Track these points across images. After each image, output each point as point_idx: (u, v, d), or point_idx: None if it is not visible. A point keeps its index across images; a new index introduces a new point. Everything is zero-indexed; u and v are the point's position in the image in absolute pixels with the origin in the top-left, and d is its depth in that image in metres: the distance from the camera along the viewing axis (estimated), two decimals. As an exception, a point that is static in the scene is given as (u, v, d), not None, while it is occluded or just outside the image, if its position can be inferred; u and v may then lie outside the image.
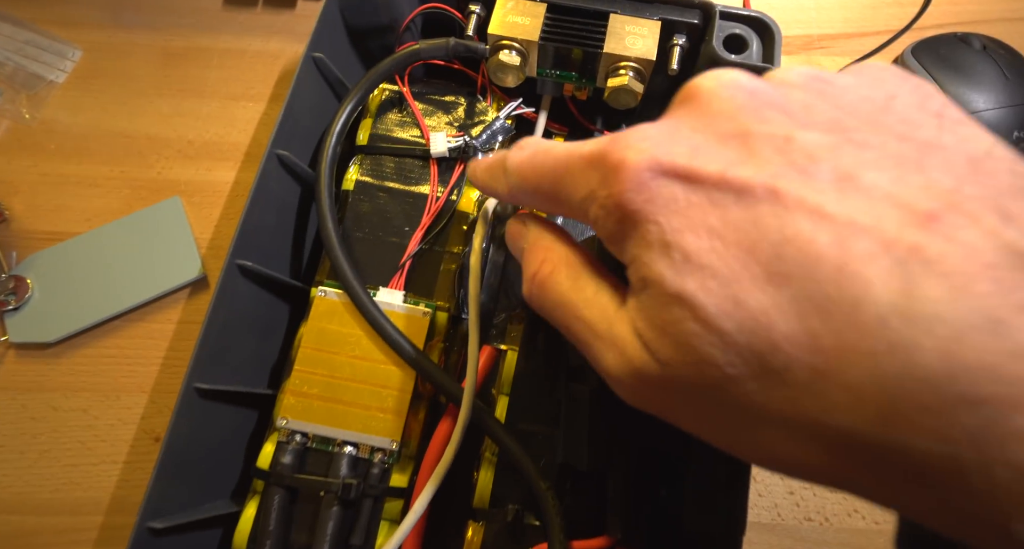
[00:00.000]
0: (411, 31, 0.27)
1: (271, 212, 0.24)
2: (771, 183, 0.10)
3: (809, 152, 0.10)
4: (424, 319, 0.22)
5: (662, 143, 0.11)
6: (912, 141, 0.10)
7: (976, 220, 0.09)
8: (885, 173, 0.10)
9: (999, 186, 0.10)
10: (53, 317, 0.28)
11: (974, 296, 0.08)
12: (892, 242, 0.09)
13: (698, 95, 0.12)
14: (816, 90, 0.12)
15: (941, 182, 0.10)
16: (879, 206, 0.10)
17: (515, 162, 0.15)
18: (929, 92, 0.12)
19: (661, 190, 0.11)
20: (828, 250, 0.09)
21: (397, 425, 0.21)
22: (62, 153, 0.31)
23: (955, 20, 0.33)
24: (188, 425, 0.20)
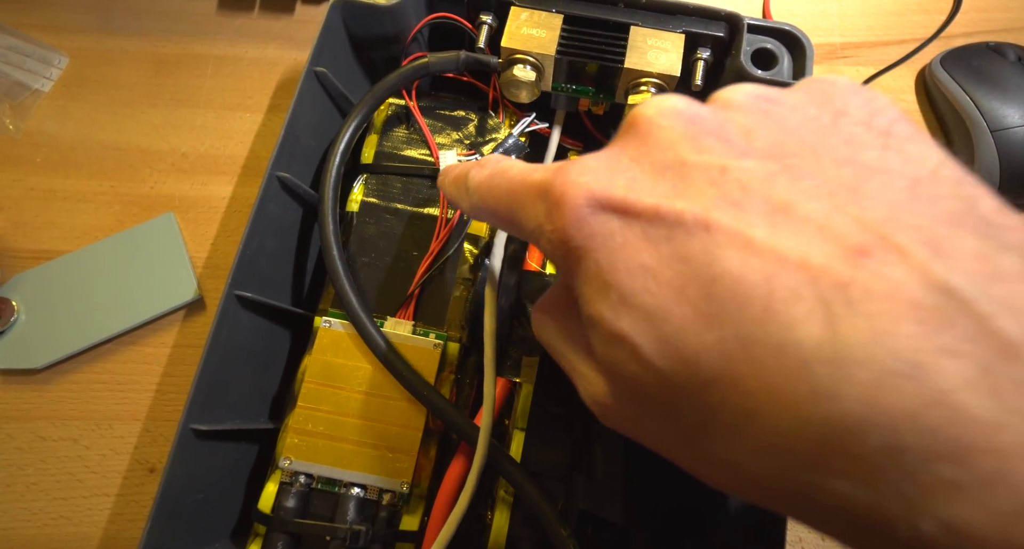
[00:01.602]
0: (418, 42, 0.26)
1: (271, 236, 0.22)
2: (703, 216, 0.10)
3: (743, 183, 0.10)
4: (435, 351, 0.21)
5: (601, 176, 0.11)
6: (853, 165, 0.10)
7: (905, 255, 0.09)
8: (820, 203, 0.10)
9: (936, 213, 0.09)
10: (40, 341, 0.26)
11: (896, 338, 0.08)
12: (818, 279, 0.09)
13: (638, 124, 0.12)
14: (760, 111, 0.11)
15: (875, 212, 0.09)
16: (810, 239, 0.09)
17: (475, 182, 0.15)
18: (879, 107, 0.11)
19: (599, 226, 0.11)
20: (755, 289, 0.09)
21: (407, 465, 0.20)
22: (49, 166, 0.30)
23: (984, 28, 0.31)
24: (186, 466, 0.19)
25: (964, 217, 0.09)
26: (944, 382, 0.08)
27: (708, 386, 0.10)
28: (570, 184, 0.11)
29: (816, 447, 0.09)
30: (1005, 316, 0.08)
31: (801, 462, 0.09)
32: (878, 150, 0.10)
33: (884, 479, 0.08)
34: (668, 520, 0.18)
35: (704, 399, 0.10)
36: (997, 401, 0.08)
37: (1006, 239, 0.09)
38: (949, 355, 0.08)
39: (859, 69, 0.31)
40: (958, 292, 0.08)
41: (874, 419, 0.08)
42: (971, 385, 0.08)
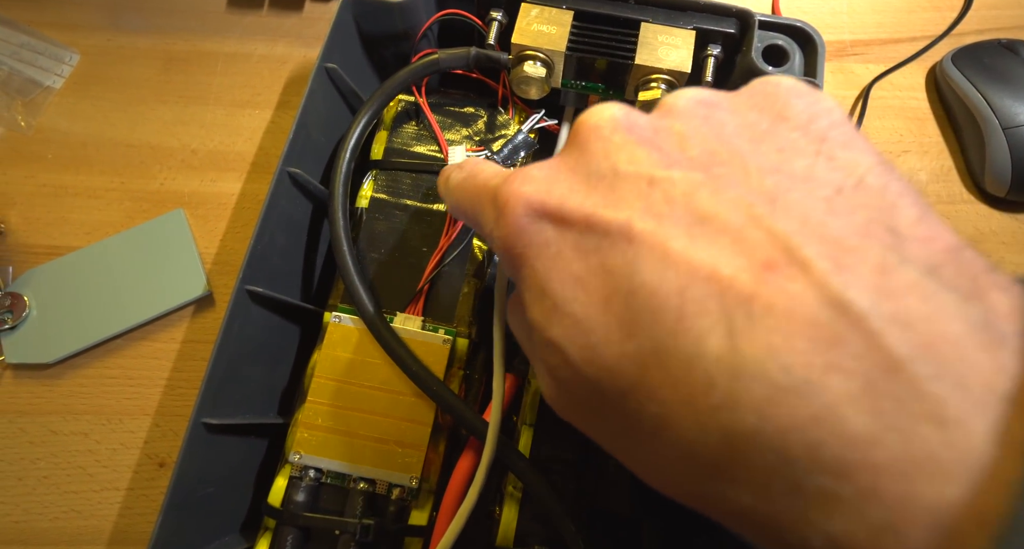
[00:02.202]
0: (428, 39, 0.26)
1: (282, 231, 0.22)
2: (627, 227, 0.10)
3: (668, 194, 0.10)
4: (444, 347, 0.21)
5: (541, 186, 0.12)
6: (780, 174, 0.10)
7: (808, 269, 0.09)
8: (738, 215, 0.10)
9: (849, 225, 0.09)
10: (52, 336, 0.27)
11: (789, 354, 0.08)
12: (725, 292, 0.09)
13: (579, 133, 0.12)
14: (700, 117, 0.12)
15: (787, 225, 0.10)
16: (723, 252, 0.10)
17: (453, 182, 0.15)
18: (819, 111, 0.11)
19: (537, 234, 0.11)
20: (669, 300, 0.10)
21: (416, 460, 0.20)
22: (60, 163, 0.30)
23: (996, 26, 0.31)
24: (196, 460, 0.19)
25: (876, 228, 0.09)
26: (829, 398, 0.08)
27: (628, 394, 0.10)
28: (512, 193, 0.12)
29: (718, 457, 0.09)
30: (893, 332, 0.08)
31: (707, 470, 0.09)
32: (810, 157, 0.11)
33: (775, 490, 0.09)
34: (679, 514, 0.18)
35: (625, 405, 0.10)
36: (876, 418, 0.08)
37: (910, 251, 0.09)
38: (836, 371, 0.08)
39: (869, 67, 0.31)
40: (852, 308, 0.08)
41: (766, 432, 0.08)
42: (854, 401, 0.08)
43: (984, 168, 0.27)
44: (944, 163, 0.29)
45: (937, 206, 0.29)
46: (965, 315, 0.08)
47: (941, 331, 0.08)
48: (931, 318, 0.08)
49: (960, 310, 0.08)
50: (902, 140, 0.30)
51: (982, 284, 0.09)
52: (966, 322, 0.08)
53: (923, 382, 0.08)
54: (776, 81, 0.12)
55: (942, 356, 0.08)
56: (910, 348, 0.08)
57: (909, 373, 0.08)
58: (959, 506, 0.07)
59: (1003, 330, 0.08)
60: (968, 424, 0.08)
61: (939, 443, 0.08)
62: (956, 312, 0.08)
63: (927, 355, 0.08)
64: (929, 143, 0.30)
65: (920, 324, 0.08)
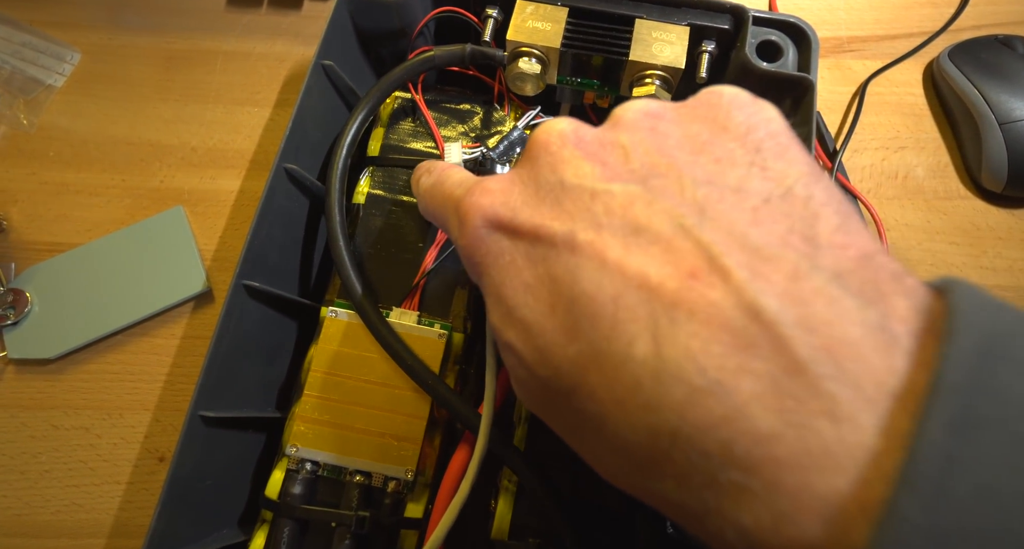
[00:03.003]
0: (424, 36, 0.26)
1: (279, 227, 0.23)
2: (570, 238, 0.11)
3: (608, 205, 0.11)
4: (440, 341, 0.21)
5: (497, 198, 0.13)
6: (713, 185, 0.11)
7: (728, 277, 0.10)
8: (669, 225, 0.11)
9: (770, 234, 0.10)
10: (53, 332, 0.27)
11: (705, 357, 0.09)
12: (653, 299, 0.10)
13: (531, 147, 0.13)
14: (646, 129, 0.12)
15: (713, 234, 0.10)
16: (653, 260, 0.10)
17: (422, 187, 0.16)
18: (757, 123, 0.12)
19: (493, 245, 0.12)
20: (605, 306, 0.10)
21: (412, 453, 0.20)
22: (61, 160, 0.30)
23: (993, 21, 0.31)
24: (194, 453, 0.20)
25: (795, 238, 0.10)
26: (739, 398, 0.09)
27: (572, 393, 0.11)
28: (471, 205, 0.13)
29: (646, 453, 0.10)
30: (799, 335, 0.09)
31: (639, 465, 0.10)
32: (744, 168, 0.11)
33: (695, 484, 0.09)
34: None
35: (571, 404, 0.11)
36: (779, 415, 0.09)
37: (823, 259, 0.10)
38: (746, 374, 0.09)
39: (866, 63, 0.31)
40: (764, 313, 0.09)
41: (685, 431, 0.09)
42: (760, 401, 0.09)
43: (980, 164, 0.27)
44: (941, 159, 0.29)
45: (934, 202, 0.29)
46: (864, 319, 0.09)
47: (840, 334, 0.09)
48: (832, 322, 0.09)
49: (860, 314, 0.09)
50: (899, 136, 0.30)
51: (885, 289, 0.10)
52: (864, 325, 0.09)
53: (821, 382, 0.09)
54: (720, 91, 0.13)
55: (840, 358, 0.09)
56: (812, 350, 0.09)
57: (810, 374, 0.09)
58: (846, 495, 0.08)
59: (897, 332, 0.09)
60: (858, 420, 0.08)
61: (832, 438, 0.08)
62: (856, 316, 0.09)
63: (826, 357, 0.09)
64: (926, 139, 0.30)
65: (822, 328, 0.09)
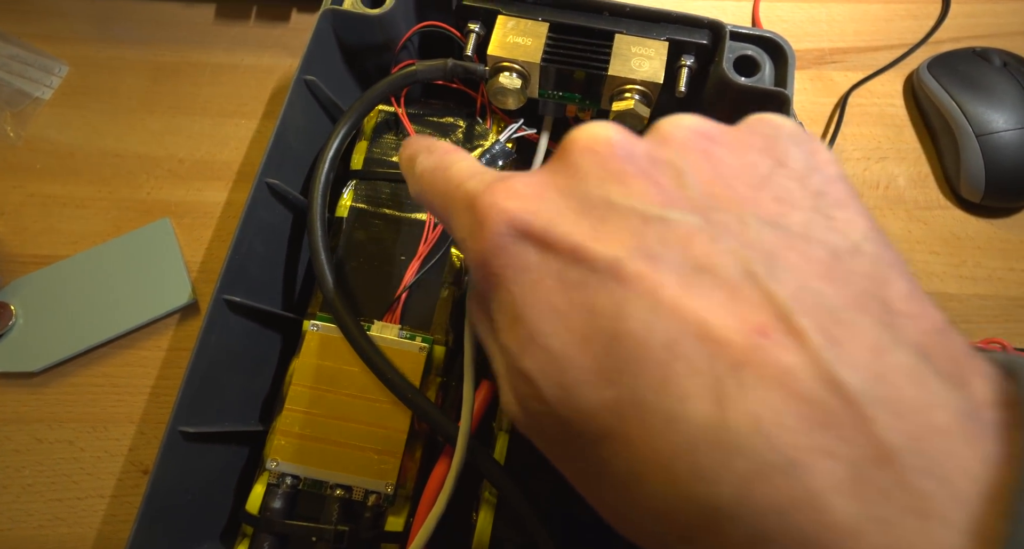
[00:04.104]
0: (408, 50, 0.26)
1: (261, 241, 0.23)
2: (617, 266, 0.10)
3: (663, 236, 0.10)
4: (421, 354, 0.21)
5: (527, 202, 0.11)
6: (778, 228, 0.10)
7: (802, 341, 0.09)
8: (735, 269, 0.09)
9: (845, 295, 0.09)
10: (38, 345, 0.27)
11: (778, 431, 0.08)
12: (717, 355, 0.09)
13: (571, 151, 0.11)
14: (700, 151, 0.11)
15: (784, 287, 0.09)
16: (717, 309, 0.09)
17: (420, 169, 0.14)
18: (818, 163, 0.11)
19: (518, 256, 0.11)
20: (656, 352, 0.09)
21: (392, 466, 0.20)
22: (48, 173, 0.30)
23: (971, 33, 0.32)
24: (174, 468, 0.19)
25: (870, 301, 0.09)
26: (815, 483, 0.08)
27: (601, 441, 0.10)
28: (495, 207, 0.11)
29: (688, 523, 0.09)
30: (885, 419, 0.08)
31: (677, 534, 0.09)
32: (807, 212, 0.10)
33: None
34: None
35: (598, 451, 0.10)
36: (861, 508, 0.08)
37: (904, 332, 0.09)
38: (824, 455, 0.08)
39: (847, 74, 0.31)
40: (845, 388, 0.08)
41: (746, 510, 0.08)
42: (840, 489, 0.08)
43: (959, 174, 0.28)
44: (921, 169, 0.30)
45: (915, 211, 0.29)
46: (953, 404, 0.08)
47: (931, 421, 0.08)
48: (921, 407, 0.08)
49: (948, 398, 0.08)
50: (880, 147, 0.30)
51: (965, 369, 0.09)
52: (954, 412, 0.08)
53: (911, 475, 0.08)
54: (777, 123, 0.12)
55: (931, 449, 0.08)
56: (901, 438, 0.08)
57: (898, 465, 0.08)
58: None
59: (985, 421, 0.08)
60: (949, 518, 0.08)
61: (919, 536, 0.08)
62: (945, 401, 0.08)
63: (916, 447, 0.08)
64: (907, 149, 0.30)
65: (911, 413, 0.08)
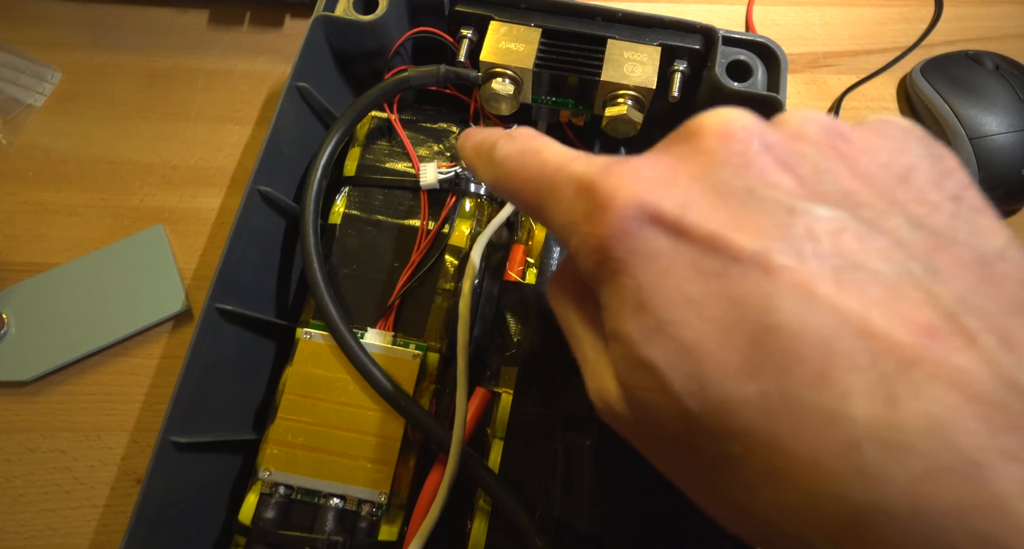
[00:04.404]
0: (401, 55, 0.26)
1: (254, 248, 0.23)
2: (764, 257, 0.09)
3: (812, 229, 0.09)
4: (414, 362, 0.21)
5: (656, 186, 0.10)
6: (925, 229, 0.10)
7: (974, 341, 0.08)
8: (892, 266, 0.09)
9: (1006, 299, 0.09)
10: (30, 354, 0.27)
11: (957, 432, 0.08)
12: (882, 353, 0.08)
13: (704, 136, 0.11)
14: (833, 148, 0.11)
15: (947, 288, 0.09)
16: (878, 306, 0.09)
17: (502, 154, 0.14)
18: (950, 168, 0.11)
19: (645, 242, 0.10)
20: (812, 349, 0.09)
21: (386, 475, 0.20)
22: (41, 180, 0.30)
23: (964, 37, 0.32)
24: (165, 479, 0.19)
25: None
26: (1002, 487, 0.08)
27: (738, 437, 0.09)
28: (621, 189, 0.10)
29: (845, 523, 0.08)
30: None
31: (825, 532, 0.09)
32: (948, 216, 0.10)
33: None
34: (644, 527, 0.18)
35: (729, 447, 0.09)
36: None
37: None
38: (1011, 459, 0.08)
39: (841, 77, 0.31)
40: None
41: (921, 512, 0.08)
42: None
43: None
44: (916, 172, 0.30)
45: (910, 215, 0.29)
46: None
47: None
48: None
49: None
50: (875, 150, 0.30)
51: None
52: None
53: None
54: (904, 126, 0.11)
55: None
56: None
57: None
58: None
59: None
60: None
61: None
62: None
63: None
64: (901, 153, 0.30)
65: None
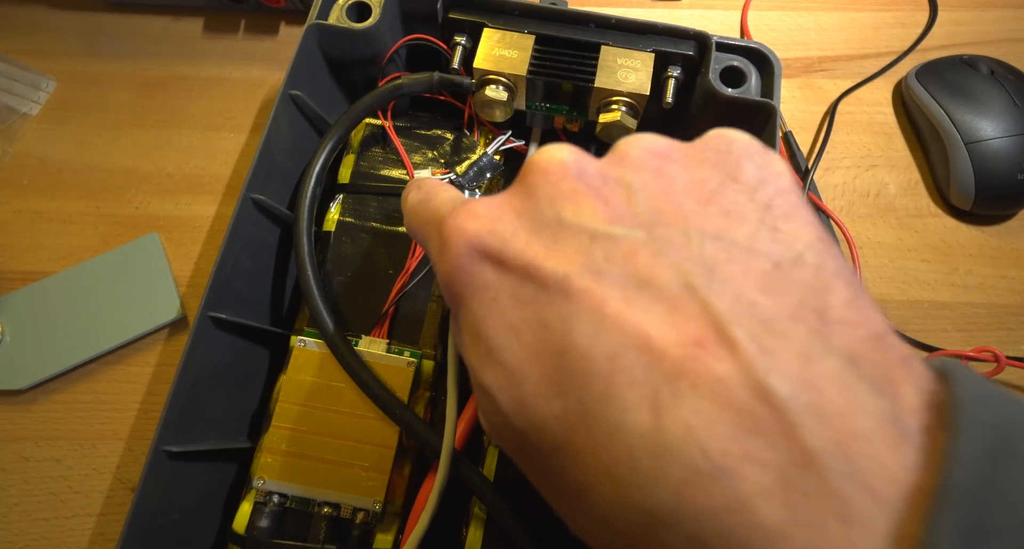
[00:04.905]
0: (395, 62, 0.26)
1: (248, 256, 0.23)
2: (565, 282, 0.10)
3: (609, 252, 0.10)
4: (409, 369, 0.21)
5: (485, 224, 0.12)
6: (721, 241, 0.10)
7: (735, 350, 0.09)
8: (675, 282, 0.10)
9: (781, 305, 0.09)
10: (25, 362, 0.27)
11: (709, 438, 0.08)
12: (655, 365, 0.09)
13: (529, 173, 0.12)
14: (652, 169, 0.12)
15: (721, 300, 0.09)
16: (657, 321, 0.09)
17: (408, 205, 0.15)
18: (768, 176, 0.11)
19: (477, 275, 0.11)
20: (600, 365, 0.09)
21: (380, 483, 0.20)
22: (36, 188, 0.30)
23: (958, 41, 0.32)
24: (158, 488, 0.19)
25: (805, 311, 0.09)
26: (743, 487, 0.08)
27: (553, 453, 0.10)
28: (456, 229, 0.12)
29: (633, 530, 0.09)
30: (810, 425, 0.08)
31: (623, 541, 0.09)
32: (754, 225, 0.11)
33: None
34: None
35: (551, 463, 0.10)
36: (787, 511, 0.08)
37: (834, 340, 0.09)
38: (752, 462, 0.08)
39: (836, 82, 0.31)
40: (773, 396, 0.09)
41: (681, 515, 0.09)
42: (767, 494, 0.08)
43: (949, 182, 0.28)
44: (912, 176, 0.30)
45: (905, 219, 0.29)
46: (877, 410, 0.09)
47: (853, 427, 0.08)
48: (845, 412, 0.08)
49: (873, 404, 0.09)
50: (870, 154, 0.30)
51: (895, 376, 0.09)
52: (877, 417, 0.09)
53: (833, 479, 0.08)
54: (730, 137, 0.12)
55: (853, 453, 0.08)
56: (824, 443, 0.08)
57: (821, 469, 0.08)
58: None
59: (909, 426, 0.09)
60: (870, 523, 0.08)
61: (842, 540, 0.08)
62: (869, 407, 0.09)
63: (839, 452, 0.08)
64: (897, 157, 0.30)
65: (835, 419, 0.08)
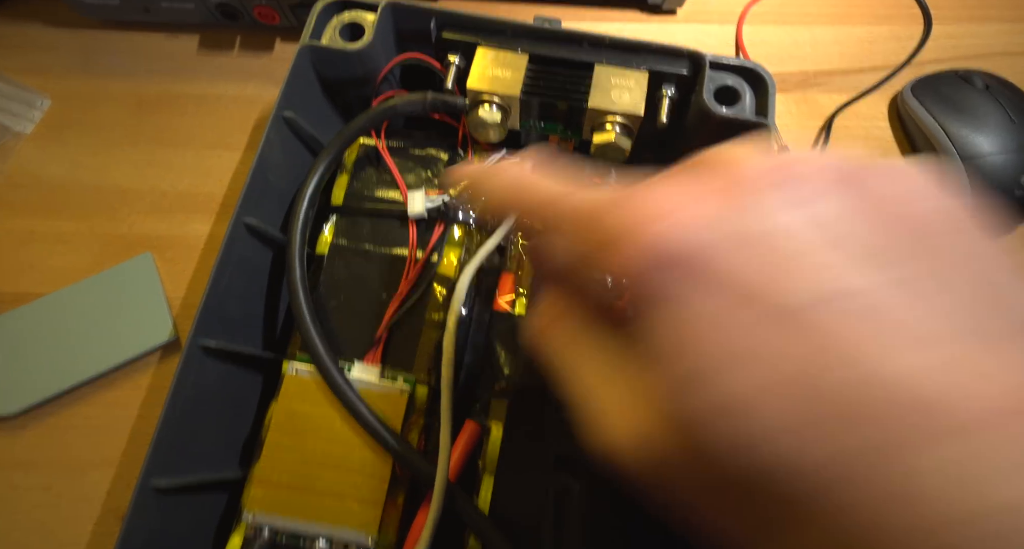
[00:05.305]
0: (389, 81, 0.26)
1: (240, 279, 0.22)
2: (809, 315, 0.09)
3: (849, 287, 0.09)
4: (402, 397, 0.21)
5: (678, 230, 0.10)
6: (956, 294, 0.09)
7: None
8: (950, 332, 0.09)
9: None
10: (15, 387, 0.26)
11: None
12: (969, 432, 0.08)
13: (728, 171, 0.10)
14: (853, 196, 0.10)
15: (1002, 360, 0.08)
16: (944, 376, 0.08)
17: (493, 185, 0.13)
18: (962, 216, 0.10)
19: (671, 288, 0.10)
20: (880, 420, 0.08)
21: (373, 516, 0.20)
22: (28, 208, 0.30)
23: (953, 55, 0.32)
24: (145, 523, 0.19)
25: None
26: None
27: (794, 502, 0.09)
28: (640, 227, 0.10)
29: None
30: None
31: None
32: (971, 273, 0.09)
33: None
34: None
35: (782, 510, 0.09)
36: None
37: None
38: None
39: (832, 96, 0.31)
40: None
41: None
42: None
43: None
44: (910, 191, 0.30)
45: (905, 234, 0.29)
46: None
47: None
48: None
49: None
50: (868, 169, 0.30)
51: None
52: None
53: None
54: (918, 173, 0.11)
55: None
56: None
57: None
58: None
59: None
60: None
61: None
62: None
63: None
64: (895, 171, 0.30)
65: None
